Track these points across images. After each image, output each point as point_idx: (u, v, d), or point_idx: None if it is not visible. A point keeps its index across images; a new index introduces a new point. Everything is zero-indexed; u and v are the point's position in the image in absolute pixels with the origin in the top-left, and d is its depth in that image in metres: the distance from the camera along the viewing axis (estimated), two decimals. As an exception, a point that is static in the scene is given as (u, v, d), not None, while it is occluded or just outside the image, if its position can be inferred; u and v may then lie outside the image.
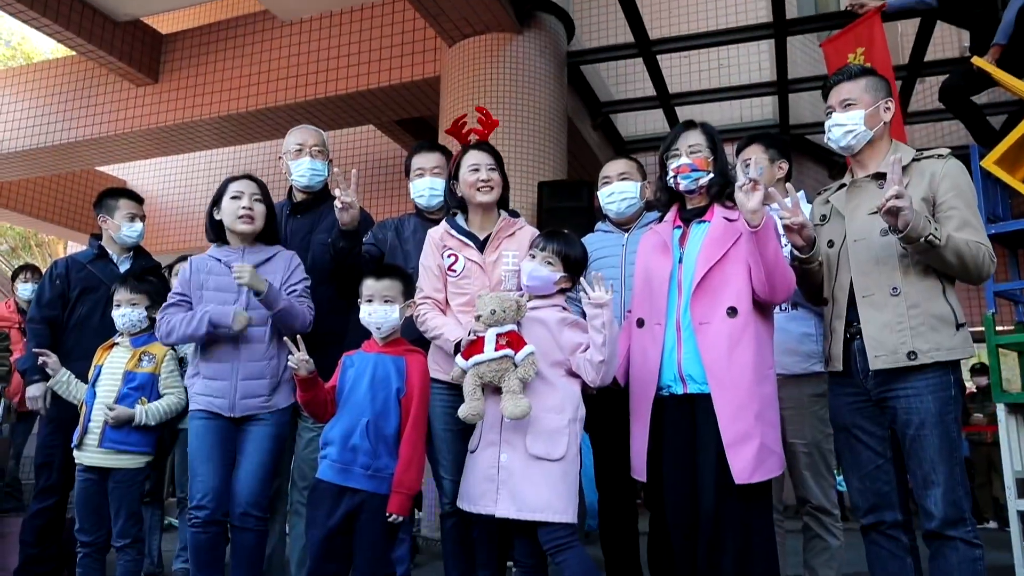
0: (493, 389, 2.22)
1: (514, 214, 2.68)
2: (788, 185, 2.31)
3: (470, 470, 2.29)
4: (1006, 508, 3.20)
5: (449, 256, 2.55)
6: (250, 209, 2.65)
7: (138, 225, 3.26)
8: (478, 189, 2.54)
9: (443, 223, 2.62)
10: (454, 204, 2.65)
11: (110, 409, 2.72)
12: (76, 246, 11.07)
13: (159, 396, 2.84)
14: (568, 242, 2.36)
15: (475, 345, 2.23)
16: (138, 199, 3.34)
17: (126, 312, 2.84)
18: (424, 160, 2.90)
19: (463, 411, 2.19)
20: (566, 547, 2.14)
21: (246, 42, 6.98)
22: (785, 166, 2.81)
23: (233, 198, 2.66)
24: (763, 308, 2.19)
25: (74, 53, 7.18)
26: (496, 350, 2.18)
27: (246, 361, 2.58)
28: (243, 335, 2.57)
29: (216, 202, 2.70)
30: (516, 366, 2.17)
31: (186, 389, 2.74)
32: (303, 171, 2.95)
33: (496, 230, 2.56)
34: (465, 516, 2.32)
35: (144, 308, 2.87)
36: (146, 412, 2.76)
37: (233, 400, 2.56)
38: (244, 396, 2.57)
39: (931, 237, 1.94)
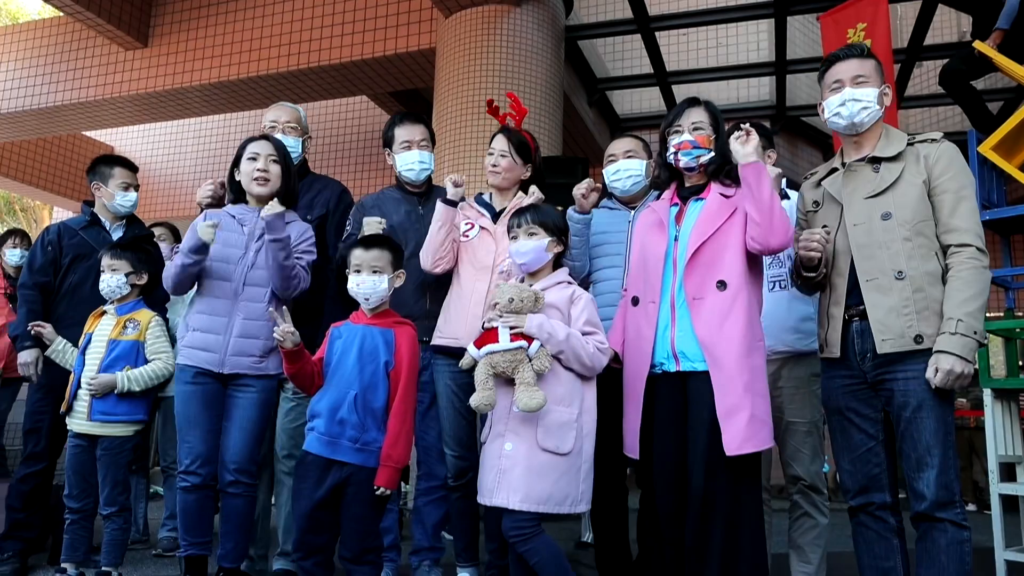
0: (504, 380, 2.19)
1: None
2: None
3: (482, 462, 2.28)
4: (986, 491, 3.24)
5: (466, 224, 2.71)
6: (265, 171, 2.64)
7: (132, 195, 3.24)
8: (489, 171, 2.73)
9: (470, 198, 2.82)
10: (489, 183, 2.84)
11: (91, 380, 2.69)
12: (61, 211, 10.94)
13: (146, 363, 2.81)
14: (540, 211, 2.36)
15: (488, 335, 2.21)
16: (133, 168, 3.30)
17: (106, 278, 2.81)
18: (410, 132, 2.90)
19: (474, 401, 2.17)
20: (531, 536, 2.13)
21: (239, 7, 6.84)
22: (773, 155, 2.86)
23: (249, 159, 2.66)
24: (753, 280, 2.20)
25: (61, 14, 7.03)
26: (511, 341, 2.15)
27: (243, 318, 2.56)
28: (242, 293, 2.57)
29: (236, 163, 2.70)
30: (530, 359, 2.15)
31: (174, 355, 2.74)
32: None
33: (511, 205, 2.66)
34: (469, 490, 2.34)
35: (124, 275, 2.83)
36: (128, 378, 2.73)
37: (224, 356, 2.54)
38: (235, 353, 2.55)
39: (980, 343, 1.99)
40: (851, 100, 2.17)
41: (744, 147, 2.14)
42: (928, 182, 2.09)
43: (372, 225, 2.67)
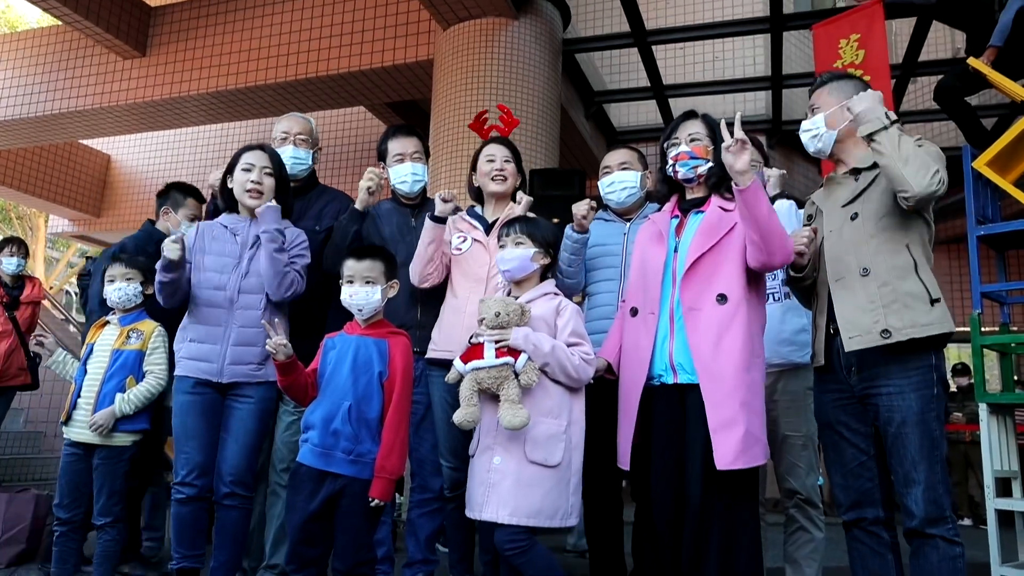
0: (491, 395, 2.18)
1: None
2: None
3: (471, 476, 2.27)
4: (981, 506, 3.23)
5: (458, 236, 2.72)
6: (259, 183, 2.64)
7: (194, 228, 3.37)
8: (492, 178, 2.74)
9: (462, 211, 2.83)
10: (473, 196, 2.86)
11: (92, 424, 2.69)
12: (57, 219, 10.91)
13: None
14: (531, 222, 2.37)
15: (474, 350, 2.20)
16: (202, 200, 3.41)
17: (121, 287, 2.82)
18: (403, 145, 2.92)
19: (457, 417, 2.16)
20: (526, 549, 2.12)
21: (237, 18, 6.87)
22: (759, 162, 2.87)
23: (244, 170, 2.65)
24: (754, 295, 2.20)
25: (60, 23, 7.04)
26: (497, 357, 2.14)
27: (239, 327, 2.56)
28: (238, 301, 2.56)
29: (230, 170, 2.70)
30: (517, 375, 2.14)
31: (171, 366, 2.74)
32: (285, 159, 2.94)
33: (503, 216, 2.66)
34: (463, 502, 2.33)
35: (139, 283, 2.85)
36: (125, 400, 2.73)
37: (221, 365, 2.53)
38: (233, 362, 2.54)
39: (885, 118, 2.00)
40: (802, 132, 2.28)
41: (736, 161, 2.03)
42: None
43: (371, 173, 2.69)
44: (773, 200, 2.68)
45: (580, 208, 2.56)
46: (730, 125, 2.09)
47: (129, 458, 2.80)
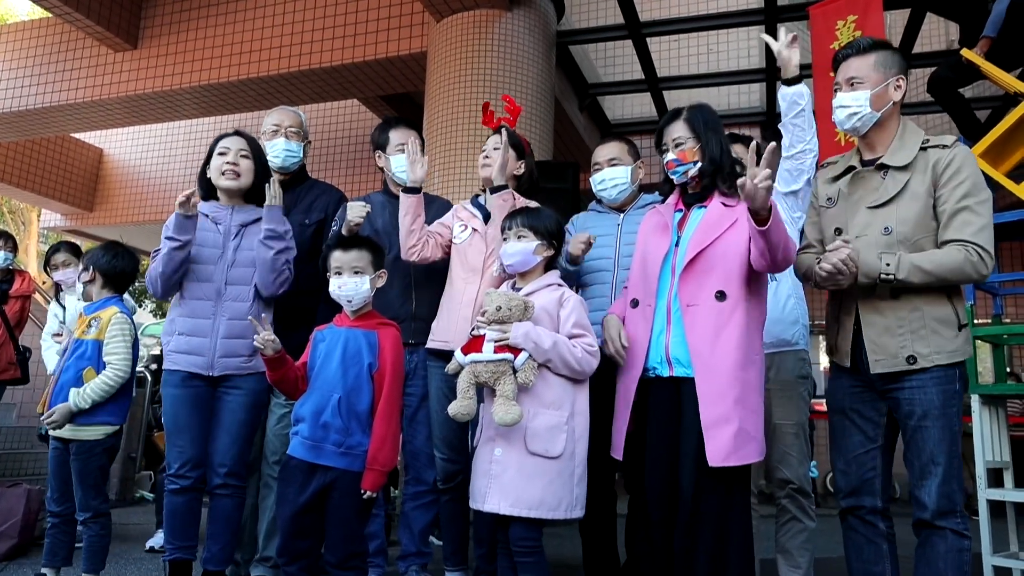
0: (491, 387, 2.16)
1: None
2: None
3: (474, 467, 2.25)
4: (973, 497, 3.25)
5: (459, 226, 2.75)
6: (235, 164, 2.61)
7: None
8: (482, 166, 2.77)
9: (465, 200, 2.90)
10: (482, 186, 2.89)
11: (48, 419, 2.64)
12: (50, 214, 10.84)
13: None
14: (534, 215, 2.34)
15: (475, 342, 2.18)
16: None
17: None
18: (405, 135, 2.93)
19: (452, 409, 2.15)
20: (536, 550, 2.12)
21: (229, 10, 6.82)
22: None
23: (220, 154, 2.63)
24: (754, 294, 2.17)
25: (50, 16, 6.99)
26: (495, 352, 2.12)
27: (228, 319, 2.54)
28: (225, 293, 2.54)
29: (208, 160, 2.67)
30: (515, 371, 2.12)
31: (132, 354, 2.74)
32: (277, 152, 2.93)
33: (496, 210, 2.66)
34: (459, 493, 2.32)
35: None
36: (79, 396, 2.65)
37: (212, 359, 2.52)
38: (224, 355, 2.53)
39: (883, 277, 1.95)
40: (839, 107, 2.14)
41: (756, 200, 1.92)
42: (933, 191, 2.03)
43: (356, 209, 2.66)
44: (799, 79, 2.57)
45: (576, 247, 2.56)
46: (760, 147, 1.95)
47: (103, 451, 2.72)
